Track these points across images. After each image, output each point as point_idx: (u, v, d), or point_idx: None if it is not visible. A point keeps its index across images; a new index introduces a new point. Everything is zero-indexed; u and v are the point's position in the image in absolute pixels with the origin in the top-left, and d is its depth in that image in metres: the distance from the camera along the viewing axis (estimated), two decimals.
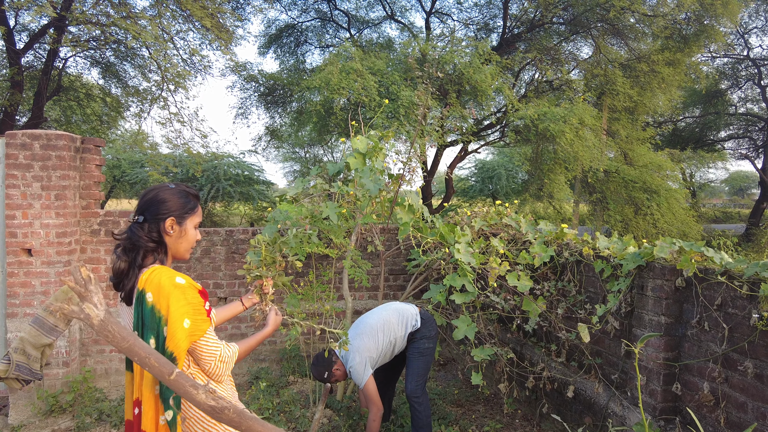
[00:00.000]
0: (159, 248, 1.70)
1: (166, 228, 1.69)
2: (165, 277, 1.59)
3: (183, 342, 1.56)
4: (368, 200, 3.93)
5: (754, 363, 2.37)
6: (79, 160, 4.66)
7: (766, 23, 17.28)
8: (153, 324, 1.56)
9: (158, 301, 1.56)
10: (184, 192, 1.76)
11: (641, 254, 2.93)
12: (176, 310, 1.56)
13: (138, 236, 1.65)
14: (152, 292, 1.57)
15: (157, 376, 1.07)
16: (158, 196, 1.71)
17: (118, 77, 12.34)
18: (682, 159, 16.28)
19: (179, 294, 1.58)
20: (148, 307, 1.57)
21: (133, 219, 1.70)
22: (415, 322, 3.45)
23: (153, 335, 1.56)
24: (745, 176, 42.40)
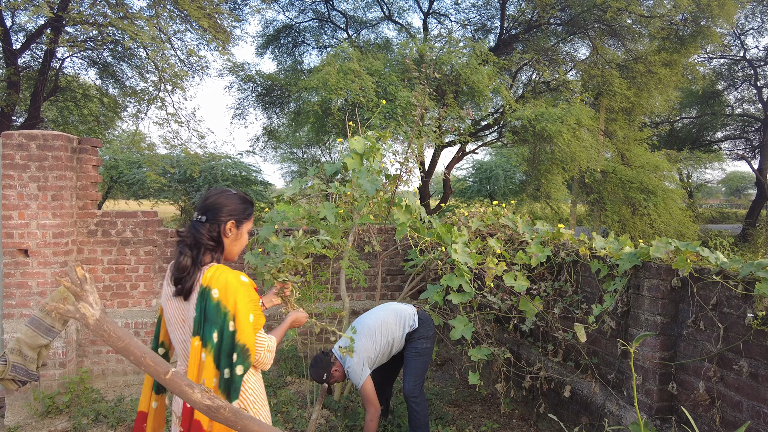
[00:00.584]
0: (217, 248, 1.81)
1: (226, 230, 1.81)
2: (231, 276, 1.71)
3: (252, 335, 1.71)
4: (365, 201, 3.93)
5: (749, 362, 2.39)
6: (76, 160, 4.66)
7: (762, 24, 17.35)
8: (217, 319, 1.66)
9: (225, 297, 1.68)
10: (244, 198, 1.89)
11: (637, 254, 2.94)
12: (243, 306, 1.69)
13: (201, 234, 1.77)
14: (218, 288, 1.68)
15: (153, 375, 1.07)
16: (221, 199, 1.83)
17: (116, 78, 12.33)
18: (679, 159, 16.32)
19: (245, 291, 1.72)
20: (213, 303, 1.67)
21: (196, 218, 1.81)
22: (413, 322, 3.45)
23: (216, 329, 1.67)
24: (741, 177, 42.55)
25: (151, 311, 4.98)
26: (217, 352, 1.68)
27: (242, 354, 1.69)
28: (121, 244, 4.89)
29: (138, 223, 4.94)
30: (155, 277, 4.98)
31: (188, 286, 1.72)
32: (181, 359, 1.84)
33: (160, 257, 4.98)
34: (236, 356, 1.68)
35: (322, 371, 3.29)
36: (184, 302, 1.76)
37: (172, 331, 1.84)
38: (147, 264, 4.96)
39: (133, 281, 4.95)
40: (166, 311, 1.85)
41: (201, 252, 1.77)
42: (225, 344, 1.67)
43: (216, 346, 1.68)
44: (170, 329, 1.85)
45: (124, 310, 4.93)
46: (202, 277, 1.72)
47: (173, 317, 1.81)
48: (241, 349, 1.68)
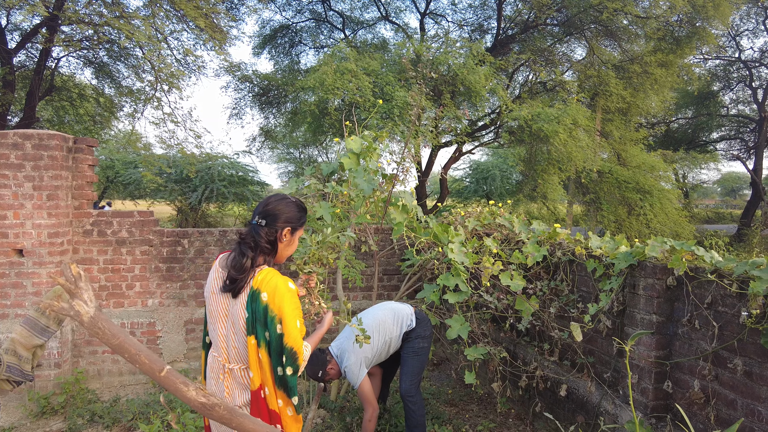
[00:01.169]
0: (271, 251, 1.91)
1: (282, 235, 1.91)
2: (281, 282, 1.80)
3: (299, 339, 1.80)
4: (362, 200, 3.93)
5: (744, 360, 2.40)
6: (72, 160, 4.64)
7: (756, 25, 17.45)
8: (265, 320, 1.77)
9: (272, 301, 1.77)
10: (301, 206, 1.98)
11: (633, 253, 2.95)
12: (291, 312, 1.78)
13: (260, 236, 1.86)
14: (267, 292, 1.77)
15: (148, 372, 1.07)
16: (281, 206, 1.92)
17: (112, 77, 12.29)
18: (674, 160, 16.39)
19: (291, 298, 1.80)
20: (262, 305, 1.77)
21: (256, 221, 1.90)
22: (410, 321, 3.45)
23: (266, 330, 1.78)
24: (737, 177, 42.77)
25: (148, 311, 4.97)
26: (269, 350, 1.80)
27: (290, 356, 1.79)
28: (117, 244, 4.88)
29: (134, 223, 4.92)
30: (151, 277, 4.96)
31: (241, 285, 1.81)
32: (219, 350, 1.93)
33: (156, 257, 4.96)
34: (285, 358, 1.78)
35: (318, 368, 3.28)
36: (232, 299, 1.84)
37: (212, 323, 1.93)
38: (143, 264, 4.95)
39: (129, 281, 4.94)
40: (209, 303, 1.93)
41: (258, 254, 1.86)
42: (275, 345, 1.78)
43: (268, 346, 1.80)
44: (210, 321, 1.94)
45: (120, 310, 4.91)
46: (253, 279, 1.81)
47: (216, 311, 1.90)
48: (289, 351, 1.78)
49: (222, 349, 1.92)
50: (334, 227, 2.49)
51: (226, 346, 1.90)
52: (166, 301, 5.01)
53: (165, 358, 5.02)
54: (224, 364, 1.91)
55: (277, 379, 1.82)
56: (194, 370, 5.05)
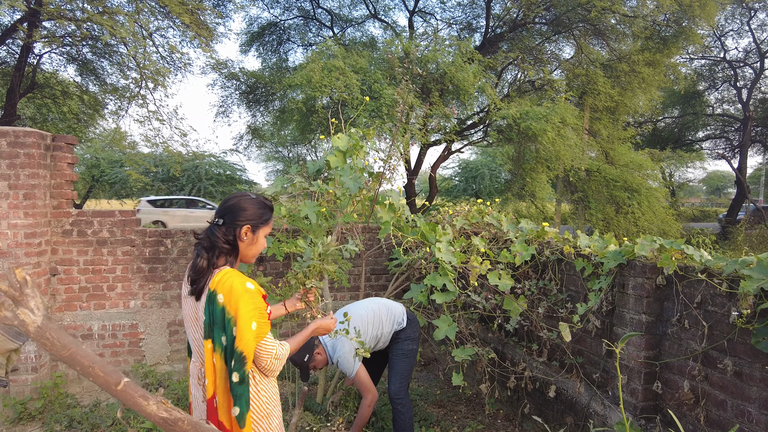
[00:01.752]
0: (232, 251, 1.84)
1: (242, 234, 1.83)
2: (237, 282, 1.73)
3: (251, 343, 1.71)
4: (348, 199, 3.86)
5: (734, 361, 2.37)
6: (50, 158, 4.51)
7: (741, 26, 17.63)
8: (222, 323, 1.71)
9: (228, 302, 1.71)
10: (262, 203, 1.90)
11: (622, 252, 2.91)
12: (245, 314, 1.70)
13: (216, 237, 1.80)
14: (223, 294, 1.71)
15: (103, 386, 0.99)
16: (240, 204, 1.85)
17: (96, 74, 12.07)
18: (661, 159, 16.51)
19: (248, 298, 1.72)
20: (218, 308, 1.71)
21: (214, 221, 1.84)
22: (401, 320, 3.38)
23: (223, 333, 1.72)
24: (721, 176, 43.33)
25: (130, 312, 4.85)
26: (224, 356, 1.74)
27: (239, 361, 1.71)
28: (98, 245, 4.76)
29: (115, 223, 4.80)
30: (133, 278, 4.85)
31: (200, 287, 1.77)
32: (195, 355, 1.89)
33: (139, 257, 4.85)
34: (234, 362, 1.70)
35: (304, 353, 3.16)
36: (196, 302, 1.81)
37: (187, 327, 1.89)
38: (125, 264, 4.83)
39: (110, 282, 4.82)
40: (183, 308, 1.91)
41: (216, 254, 1.80)
42: (229, 349, 1.71)
43: (224, 351, 1.74)
44: (186, 325, 1.90)
45: (101, 312, 4.79)
46: (211, 280, 1.76)
47: (188, 314, 1.87)
48: (238, 356, 1.70)
49: (197, 354, 1.88)
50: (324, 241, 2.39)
51: (200, 351, 1.85)
52: (148, 303, 4.90)
53: (148, 361, 4.91)
54: (200, 368, 1.87)
55: (232, 387, 1.73)
56: (178, 372, 4.95)
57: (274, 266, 5.11)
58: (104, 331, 4.79)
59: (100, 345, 4.77)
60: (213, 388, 1.77)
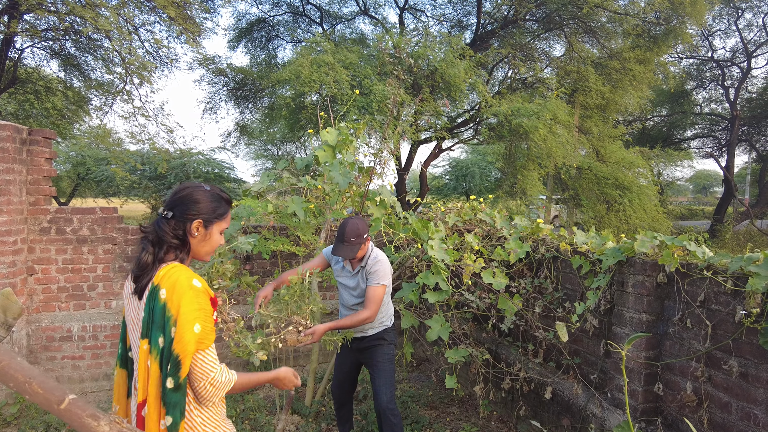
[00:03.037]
0: (182, 246, 1.67)
1: (192, 229, 1.66)
2: (183, 277, 1.56)
3: (191, 346, 1.51)
4: (338, 195, 3.73)
5: (739, 361, 2.28)
6: (26, 153, 4.33)
7: (728, 26, 17.74)
8: (162, 322, 1.52)
9: (170, 299, 1.53)
10: (217, 196, 1.72)
11: (621, 249, 2.82)
12: (188, 313, 1.52)
13: (164, 231, 1.63)
14: (166, 289, 1.54)
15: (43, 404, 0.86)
16: (191, 195, 1.67)
17: (80, 69, 11.79)
18: (650, 157, 16.57)
19: (192, 296, 1.55)
20: (160, 304, 1.53)
21: (162, 213, 1.67)
22: (391, 314, 3.24)
23: (161, 334, 1.52)
24: (708, 175, 43.77)
25: (111, 313, 4.68)
26: (160, 359, 1.52)
27: (174, 365, 1.50)
28: (78, 243, 4.58)
29: (96, 220, 4.63)
30: (115, 277, 4.68)
31: (144, 284, 1.59)
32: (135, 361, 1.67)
33: (120, 256, 4.68)
34: (169, 366, 1.50)
35: (362, 232, 2.84)
36: (139, 301, 1.62)
37: (130, 332, 1.69)
38: (106, 263, 4.66)
39: (90, 282, 4.64)
40: (126, 311, 1.71)
41: (163, 249, 1.63)
42: (166, 352, 1.51)
43: (160, 353, 1.52)
44: (129, 329, 1.70)
45: (80, 313, 4.62)
46: (156, 275, 1.58)
47: (130, 317, 1.68)
48: (174, 359, 1.49)
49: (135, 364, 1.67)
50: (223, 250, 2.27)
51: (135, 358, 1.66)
52: None
53: None
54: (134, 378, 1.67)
55: (164, 394, 1.51)
56: None
57: (261, 265, 4.96)
58: (84, 332, 4.61)
59: (80, 347, 4.60)
60: (144, 394, 1.55)
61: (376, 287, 2.89)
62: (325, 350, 4.72)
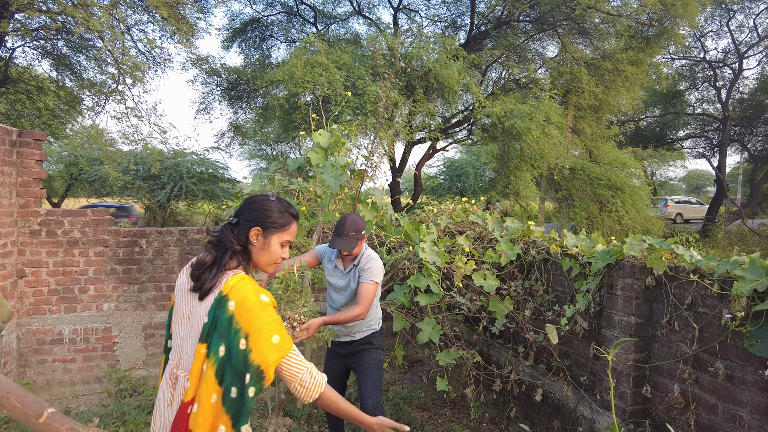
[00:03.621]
0: (243, 253, 1.73)
1: (251, 237, 1.72)
2: (251, 292, 1.61)
3: (271, 356, 1.58)
4: (330, 197, 3.73)
5: (725, 364, 2.30)
6: (16, 154, 4.30)
7: (720, 27, 17.86)
8: (228, 333, 1.57)
9: (239, 313, 1.57)
10: (281, 208, 1.78)
11: (611, 252, 2.84)
12: (263, 326, 1.58)
13: (226, 236, 1.71)
14: (235, 301, 1.59)
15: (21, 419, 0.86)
16: (255, 204, 1.76)
17: (72, 69, 11.72)
18: (644, 157, 16.66)
19: (262, 310, 1.60)
20: (227, 315, 1.58)
21: (229, 219, 1.76)
22: (379, 319, 3.23)
23: (224, 343, 1.57)
24: (701, 175, 44.07)
25: (103, 316, 4.66)
26: (220, 367, 1.57)
27: (256, 375, 1.57)
28: (69, 245, 4.56)
29: (87, 222, 4.61)
30: (106, 280, 4.66)
31: (209, 287, 1.64)
32: (174, 354, 1.75)
33: (112, 258, 4.66)
34: (249, 377, 1.56)
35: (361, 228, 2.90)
36: (198, 301, 1.67)
37: (175, 323, 1.76)
38: (97, 266, 4.64)
39: (82, 284, 4.62)
40: (177, 303, 1.77)
41: (226, 253, 1.69)
42: (235, 362, 1.56)
43: (220, 361, 1.57)
44: (175, 321, 1.77)
45: (72, 316, 4.60)
46: (224, 283, 1.63)
47: (181, 311, 1.74)
48: (256, 370, 1.56)
49: (177, 354, 1.74)
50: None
51: (180, 351, 1.73)
52: (123, 305, 4.71)
53: (122, 366, 4.73)
54: (173, 370, 1.73)
55: (225, 401, 1.57)
56: (154, 377, 4.78)
57: None
58: (75, 335, 4.59)
59: (71, 350, 4.58)
60: (192, 393, 1.60)
61: (369, 284, 2.90)
62: (317, 352, 4.72)
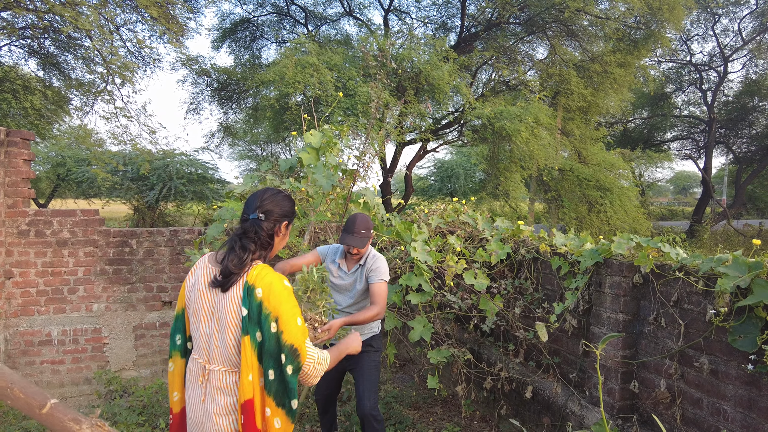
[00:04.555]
0: (268, 246, 1.86)
1: (281, 229, 1.88)
2: (276, 279, 1.74)
3: (301, 336, 1.72)
4: (322, 197, 3.75)
5: (710, 359, 2.35)
6: (4, 154, 4.27)
7: (706, 30, 18.13)
8: (258, 319, 1.69)
9: (267, 298, 1.69)
10: (291, 198, 1.95)
11: (599, 251, 2.89)
12: (290, 309, 1.71)
13: (262, 230, 1.81)
14: (263, 288, 1.70)
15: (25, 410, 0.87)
16: (284, 200, 1.90)
17: (59, 69, 11.60)
18: (632, 159, 16.85)
19: (288, 295, 1.74)
20: (256, 302, 1.69)
21: (255, 217, 1.84)
22: (380, 326, 3.19)
23: (259, 329, 1.69)
24: (687, 176, 44.67)
25: (93, 316, 4.63)
26: (259, 351, 1.70)
27: (291, 354, 1.70)
28: (58, 245, 4.52)
29: (77, 223, 4.58)
30: (96, 280, 4.63)
31: (233, 281, 1.74)
32: (200, 352, 1.83)
33: (102, 259, 4.64)
34: (284, 357, 1.69)
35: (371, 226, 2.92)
36: (220, 294, 1.76)
37: (195, 323, 1.83)
38: (87, 266, 4.61)
39: (71, 285, 4.59)
40: (194, 302, 1.83)
41: (256, 248, 1.80)
42: (269, 345, 1.69)
43: (258, 346, 1.70)
44: (193, 320, 1.84)
45: (61, 317, 4.56)
46: (247, 274, 1.74)
47: (201, 308, 1.81)
48: (290, 349, 1.70)
49: (203, 351, 1.81)
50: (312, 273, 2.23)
51: (208, 347, 1.79)
52: (113, 306, 4.69)
53: (112, 367, 4.70)
54: (204, 366, 1.79)
55: (267, 384, 1.70)
56: (145, 378, 4.75)
57: None
58: (65, 336, 4.56)
59: (60, 351, 4.54)
60: (251, 389, 1.69)
61: (381, 283, 2.93)
62: None
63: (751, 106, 18.66)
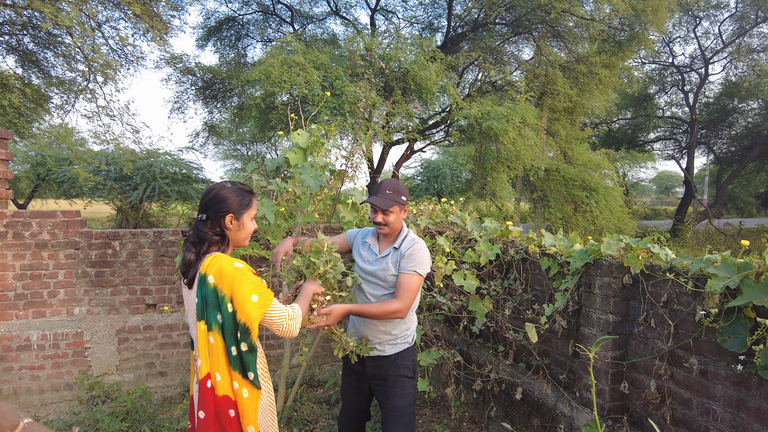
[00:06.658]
0: (222, 240, 1.95)
1: (226, 224, 1.94)
2: (225, 262, 1.83)
3: (254, 313, 1.82)
4: (309, 198, 3.70)
5: (699, 359, 2.36)
6: None
7: (687, 33, 18.42)
8: (216, 302, 1.82)
9: (220, 282, 1.81)
10: (240, 190, 1.99)
11: (588, 251, 2.88)
12: (241, 288, 1.80)
13: (204, 232, 1.91)
14: (213, 274, 1.81)
15: None
16: (218, 195, 1.94)
17: (39, 66, 11.35)
18: (616, 159, 17.05)
19: (241, 275, 1.82)
20: (209, 288, 1.81)
21: (198, 218, 1.94)
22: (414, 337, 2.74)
23: (218, 312, 1.82)
24: (670, 176, 45.39)
25: (74, 320, 4.51)
26: (222, 332, 1.83)
27: (243, 331, 1.83)
28: (37, 247, 4.40)
29: (57, 224, 4.46)
30: (78, 283, 4.52)
31: (192, 276, 1.88)
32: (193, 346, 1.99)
33: (84, 261, 4.52)
34: (240, 334, 1.83)
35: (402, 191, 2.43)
36: (190, 291, 1.91)
37: (191, 323, 1.97)
38: (68, 269, 4.50)
39: (51, 288, 4.47)
40: (185, 302, 2.01)
41: (205, 246, 1.91)
42: (228, 324, 1.82)
43: (221, 327, 1.83)
44: (189, 321, 1.98)
45: (40, 321, 4.44)
46: (201, 266, 1.86)
47: (186, 306, 1.99)
48: (242, 327, 1.82)
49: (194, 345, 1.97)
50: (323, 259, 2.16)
51: (195, 341, 1.94)
52: (95, 309, 4.58)
53: (94, 372, 4.59)
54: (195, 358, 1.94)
55: (231, 360, 1.84)
56: (128, 383, 4.65)
57: None
58: (44, 341, 4.44)
59: (40, 356, 4.42)
60: (207, 367, 1.83)
61: (412, 275, 2.35)
62: (301, 351, 4.67)
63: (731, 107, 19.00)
